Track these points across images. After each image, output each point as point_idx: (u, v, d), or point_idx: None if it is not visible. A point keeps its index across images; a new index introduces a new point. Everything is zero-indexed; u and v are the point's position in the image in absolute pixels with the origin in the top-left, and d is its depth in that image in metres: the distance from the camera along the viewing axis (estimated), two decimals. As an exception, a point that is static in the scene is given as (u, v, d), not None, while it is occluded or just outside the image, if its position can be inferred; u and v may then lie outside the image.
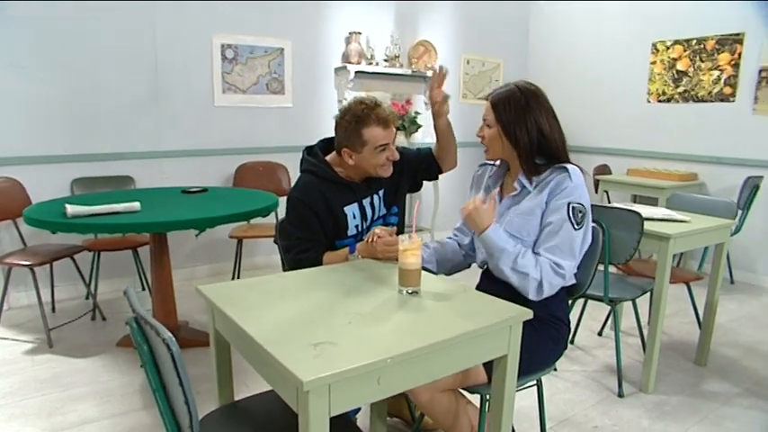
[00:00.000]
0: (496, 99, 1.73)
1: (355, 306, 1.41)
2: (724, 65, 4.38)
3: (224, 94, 4.12)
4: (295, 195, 1.94)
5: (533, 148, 1.70)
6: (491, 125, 1.75)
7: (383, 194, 2.08)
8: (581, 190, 1.66)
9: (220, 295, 1.49)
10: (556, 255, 1.64)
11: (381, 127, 1.87)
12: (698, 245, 2.77)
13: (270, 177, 4.25)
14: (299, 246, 1.92)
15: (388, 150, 1.92)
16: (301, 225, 1.92)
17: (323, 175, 1.96)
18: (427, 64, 5.12)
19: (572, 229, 1.63)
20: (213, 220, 2.47)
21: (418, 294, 1.51)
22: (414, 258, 1.50)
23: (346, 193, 1.98)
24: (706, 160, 4.56)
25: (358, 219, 2.00)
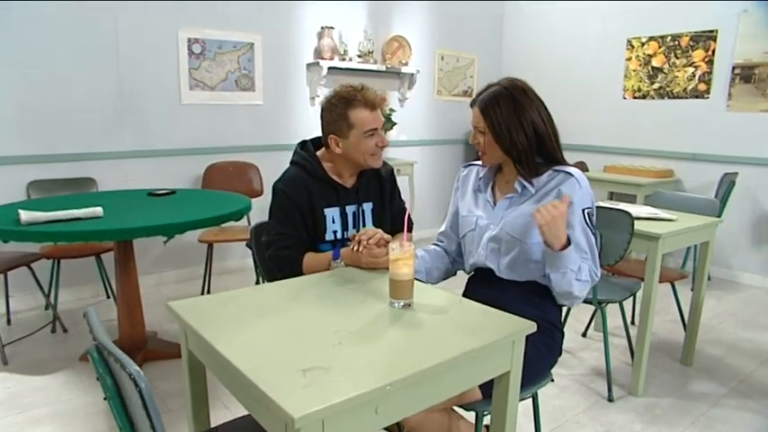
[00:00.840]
0: (484, 104, 1.62)
1: (344, 322, 1.29)
2: (698, 61, 4.39)
3: (191, 91, 3.94)
4: (280, 187, 1.83)
5: (532, 148, 1.61)
6: (483, 132, 1.64)
7: (372, 210, 1.96)
8: (589, 193, 1.60)
9: (193, 312, 1.34)
10: (591, 263, 1.60)
11: (369, 109, 1.78)
12: (686, 244, 2.73)
13: (241, 178, 4.08)
14: (280, 241, 1.81)
15: (377, 136, 1.82)
16: (284, 219, 1.82)
17: (311, 170, 1.85)
18: (401, 60, 5.02)
19: (591, 234, 1.60)
20: (183, 225, 2.31)
21: (411, 307, 1.40)
22: (406, 269, 1.38)
23: (330, 194, 1.87)
24: (682, 157, 4.57)
25: (338, 224, 1.88)
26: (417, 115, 5.37)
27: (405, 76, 5.09)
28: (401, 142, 5.24)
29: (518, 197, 1.66)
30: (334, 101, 1.80)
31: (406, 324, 1.30)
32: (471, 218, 1.76)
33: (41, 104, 3.42)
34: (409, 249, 1.39)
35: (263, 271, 2.10)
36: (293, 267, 1.80)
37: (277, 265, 1.84)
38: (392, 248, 1.40)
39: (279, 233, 1.83)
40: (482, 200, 1.76)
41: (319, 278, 1.65)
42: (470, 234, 1.76)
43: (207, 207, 2.73)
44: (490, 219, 1.70)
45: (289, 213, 1.82)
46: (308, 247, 1.86)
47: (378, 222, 1.97)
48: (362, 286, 1.56)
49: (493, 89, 1.63)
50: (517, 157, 1.62)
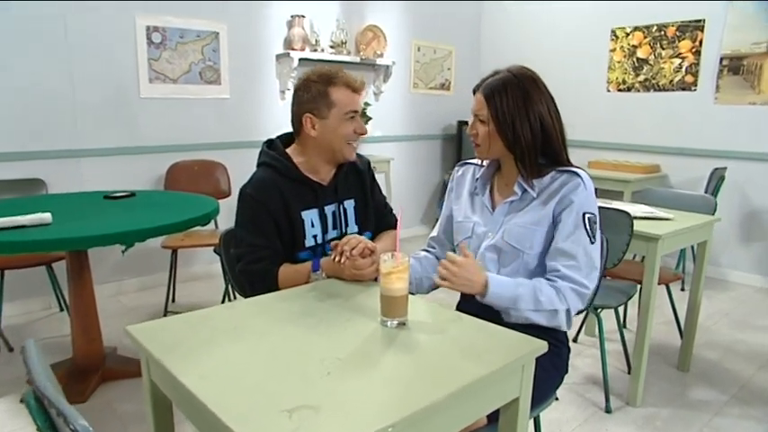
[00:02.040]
0: (490, 89, 1.50)
1: (332, 347, 1.16)
2: (685, 52, 4.37)
3: (151, 84, 3.74)
4: (248, 192, 1.69)
5: (537, 145, 1.50)
6: (485, 121, 1.52)
7: (354, 207, 1.84)
8: (593, 197, 1.50)
9: (156, 338, 1.19)
10: (576, 273, 1.45)
11: (350, 90, 1.70)
12: (685, 244, 2.68)
13: (207, 178, 3.91)
14: (251, 254, 1.67)
15: (356, 121, 1.72)
16: (255, 228, 1.68)
17: (282, 169, 1.72)
18: (376, 51, 4.91)
19: (588, 242, 1.46)
20: (143, 232, 2.15)
21: (405, 326, 1.27)
22: (400, 283, 1.26)
23: (306, 195, 1.74)
24: (668, 151, 4.56)
25: (317, 228, 1.76)
26: (393, 109, 5.27)
27: (380, 68, 4.99)
28: (377, 138, 5.12)
29: (518, 201, 1.55)
30: (313, 77, 1.70)
31: (401, 347, 1.17)
32: (467, 224, 1.64)
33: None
34: (403, 261, 1.26)
35: (234, 286, 1.97)
36: (267, 282, 1.66)
37: (248, 280, 1.70)
38: (383, 260, 1.27)
39: (250, 245, 1.68)
40: (479, 204, 1.65)
41: (299, 293, 1.51)
42: (465, 242, 1.64)
43: (170, 211, 2.57)
44: (488, 226, 1.59)
45: (260, 222, 1.68)
46: (285, 258, 1.72)
47: (362, 220, 1.85)
48: (348, 302, 1.44)
49: (501, 75, 1.52)
50: (519, 153, 1.50)
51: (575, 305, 1.46)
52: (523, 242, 1.51)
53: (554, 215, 1.49)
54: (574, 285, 1.45)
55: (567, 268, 1.45)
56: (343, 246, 1.54)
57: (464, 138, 5.48)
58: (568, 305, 1.44)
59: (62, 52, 3.39)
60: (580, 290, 1.45)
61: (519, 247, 1.51)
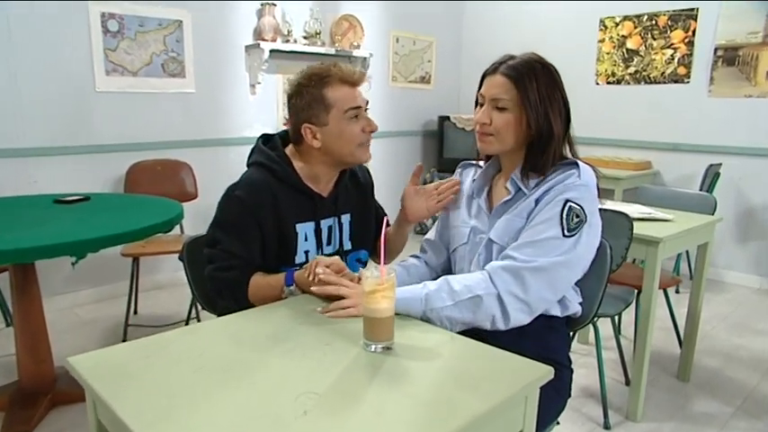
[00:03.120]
0: (516, 71, 1.37)
1: (308, 378, 1.04)
2: (677, 43, 4.35)
3: (108, 77, 3.58)
4: (237, 194, 1.55)
5: (564, 138, 1.41)
6: (507, 108, 1.39)
7: (350, 221, 1.73)
8: (586, 191, 1.36)
9: (103, 371, 1.07)
10: (520, 253, 1.32)
11: (348, 85, 1.57)
12: (686, 247, 2.62)
13: (171, 179, 3.77)
14: (224, 260, 1.55)
15: (362, 118, 1.59)
16: (235, 233, 1.55)
17: (281, 174, 1.59)
18: (353, 42, 4.82)
19: (560, 232, 1.31)
20: (96, 242, 2.00)
21: (392, 350, 1.16)
22: (386, 303, 1.15)
23: (304, 206, 1.62)
24: (660, 147, 4.54)
25: (311, 243, 1.64)
26: (371, 105, 4.86)
27: (356, 60, 4.89)
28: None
29: (511, 200, 1.45)
30: (304, 81, 1.57)
31: (388, 376, 1.06)
32: (464, 229, 1.54)
33: None
34: (389, 278, 1.15)
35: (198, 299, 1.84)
36: (236, 294, 1.55)
37: (216, 287, 1.59)
38: (366, 276, 1.16)
39: (225, 250, 1.56)
40: (476, 207, 1.54)
41: (272, 311, 1.39)
42: (462, 249, 1.54)
43: (128, 216, 2.44)
44: (485, 230, 1.49)
45: (242, 228, 1.56)
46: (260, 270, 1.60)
47: (356, 237, 1.75)
48: (327, 321, 1.32)
49: (524, 57, 1.41)
50: (545, 145, 1.38)
51: (508, 288, 1.29)
52: (503, 235, 1.42)
53: (536, 201, 1.39)
54: (510, 263, 1.31)
55: (513, 248, 1.33)
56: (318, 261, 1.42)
57: (446, 134, 5.42)
58: (497, 288, 1.29)
59: (2, 42, 3.20)
60: (516, 266, 1.30)
61: (499, 242, 1.42)
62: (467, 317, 1.31)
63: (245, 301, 1.54)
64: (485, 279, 1.31)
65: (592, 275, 1.53)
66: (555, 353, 1.46)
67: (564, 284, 1.38)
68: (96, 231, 2.09)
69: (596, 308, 1.64)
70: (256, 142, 1.69)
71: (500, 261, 1.33)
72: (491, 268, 1.32)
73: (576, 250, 1.33)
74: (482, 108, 1.43)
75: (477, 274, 1.33)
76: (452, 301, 1.30)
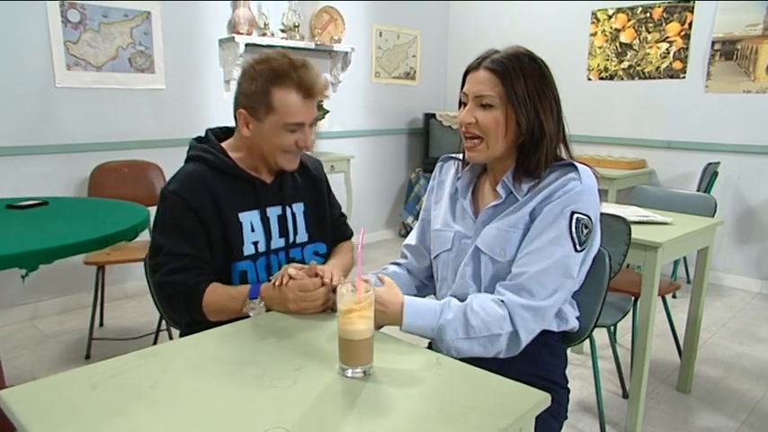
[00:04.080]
0: (503, 66, 1.29)
1: (278, 411, 0.96)
2: (673, 36, 4.32)
3: (70, 72, 3.46)
4: (171, 189, 1.49)
5: (557, 138, 1.33)
6: (494, 105, 1.30)
7: (304, 212, 1.66)
8: (590, 197, 1.28)
9: (41, 409, 0.97)
10: (538, 287, 1.24)
11: (302, 95, 1.48)
12: (686, 252, 2.56)
13: (139, 181, 3.66)
14: (171, 262, 1.47)
15: (300, 133, 1.51)
16: (176, 233, 1.48)
17: (215, 162, 1.53)
18: (333, 36, 4.76)
19: (572, 249, 1.25)
20: (50, 253, 1.88)
21: (370, 376, 1.08)
22: (363, 323, 1.06)
23: (244, 193, 1.56)
24: (655, 145, 4.51)
25: (259, 233, 1.57)
26: (353, 101, 5.13)
27: (337, 55, 4.84)
28: (335, 133, 4.96)
29: (502, 205, 1.36)
30: (259, 68, 1.48)
31: (366, 407, 0.98)
32: (447, 233, 1.45)
33: None
34: (367, 296, 1.06)
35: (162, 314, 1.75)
36: (191, 299, 1.46)
37: (166, 296, 1.50)
38: (341, 294, 1.07)
39: (169, 253, 1.48)
40: (460, 209, 1.46)
41: (238, 332, 1.30)
42: (445, 255, 1.45)
43: (88, 223, 2.32)
44: (471, 236, 1.40)
45: (183, 225, 1.49)
46: (217, 273, 1.53)
47: (313, 228, 1.68)
48: (299, 342, 1.23)
49: (510, 51, 1.32)
50: (536, 146, 1.30)
51: (526, 327, 1.25)
52: (493, 246, 1.33)
53: (532, 212, 1.30)
54: (529, 302, 1.24)
55: (528, 279, 1.25)
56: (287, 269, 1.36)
57: (432, 132, 5.37)
58: (515, 327, 1.24)
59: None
60: (537, 306, 1.25)
61: (489, 253, 1.33)
62: (476, 351, 1.26)
63: (199, 310, 1.45)
64: (504, 317, 1.24)
65: (590, 286, 1.46)
66: (551, 372, 1.39)
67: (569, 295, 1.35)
68: (50, 240, 1.97)
69: (594, 321, 1.57)
70: (190, 143, 1.64)
71: (517, 297, 1.25)
72: (511, 304, 1.25)
73: (587, 261, 1.33)
74: (466, 108, 1.35)
75: (496, 309, 1.25)
76: (466, 335, 1.25)
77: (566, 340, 1.49)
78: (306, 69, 1.48)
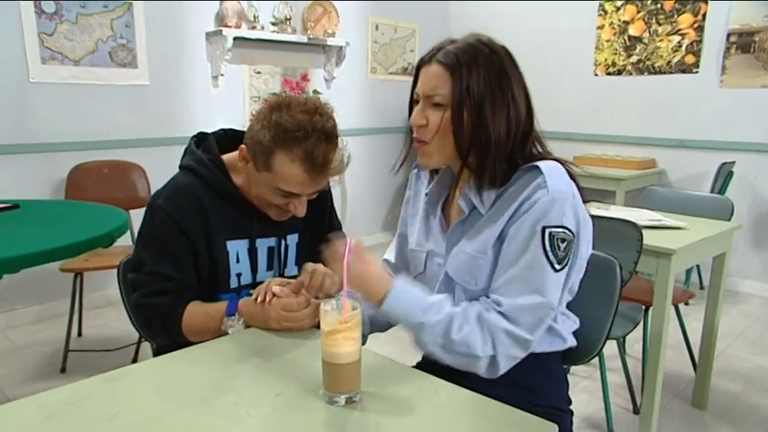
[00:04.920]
0: (455, 59, 1.18)
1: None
2: (685, 28, 4.27)
3: (45, 66, 3.40)
4: (159, 204, 1.42)
5: (509, 142, 1.19)
6: (442, 104, 1.19)
7: (297, 243, 1.59)
8: (562, 204, 1.14)
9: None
10: (520, 314, 1.14)
11: (305, 170, 1.33)
12: (702, 258, 2.50)
13: (120, 183, 3.61)
14: (152, 283, 1.42)
15: (294, 199, 1.41)
16: (161, 252, 1.43)
17: (212, 180, 1.45)
18: (327, 29, 4.74)
19: (549, 269, 1.13)
20: (15, 261, 1.81)
21: (357, 403, 1.01)
22: (349, 345, 0.99)
23: (237, 220, 1.48)
24: (666, 143, 4.47)
25: (244, 265, 1.51)
26: (348, 98, 5.10)
27: (331, 49, 4.81)
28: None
29: (467, 221, 1.27)
30: (274, 118, 1.33)
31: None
32: (420, 255, 1.37)
33: None
34: (353, 314, 0.99)
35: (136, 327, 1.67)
36: (168, 325, 1.41)
37: (144, 317, 1.45)
38: (325, 311, 1.00)
39: (151, 272, 1.42)
40: (431, 225, 1.37)
41: (211, 352, 1.23)
42: (421, 278, 1.37)
43: (61, 228, 2.25)
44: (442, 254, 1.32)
45: (170, 244, 1.42)
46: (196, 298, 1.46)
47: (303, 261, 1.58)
48: (280, 364, 1.17)
49: (466, 42, 1.21)
50: (482, 153, 1.19)
51: (507, 352, 1.14)
52: (463, 274, 1.23)
53: (501, 234, 1.19)
54: (512, 329, 1.13)
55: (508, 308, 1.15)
56: (270, 284, 1.30)
57: None
58: (495, 351, 1.14)
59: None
60: (520, 336, 1.13)
61: (462, 283, 1.24)
62: (448, 362, 1.17)
63: (178, 333, 1.40)
64: (486, 340, 1.14)
65: (599, 299, 1.40)
66: (549, 398, 1.31)
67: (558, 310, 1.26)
68: (16, 248, 1.90)
69: (605, 337, 1.49)
70: (189, 142, 1.55)
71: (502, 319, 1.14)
72: (493, 328, 1.14)
73: (573, 273, 1.22)
74: (417, 107, 1.24)
75: (478, 329, 1.14)
76: (444, 343, 1.15)
77: (570, 359, 1.41)
78: (325, 142, 1.34)
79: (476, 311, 1.16)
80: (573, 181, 1.20)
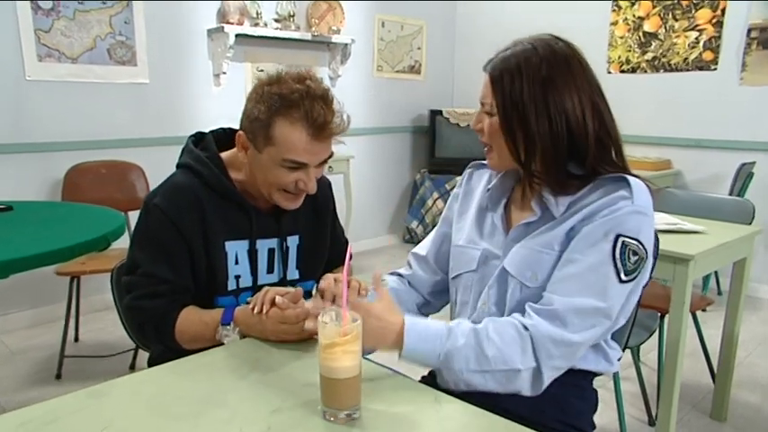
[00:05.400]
0: (499, 68, 1.21)
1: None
2: (703, 24, 4.23)
3: (41, 63, 3.40)
4: (156, 202, 1.40)
5: (560, 148, 1.18)
6: (493, 113, 1.22)
7: (298, 245, 1.56)
8: (643, 219, 1.14)
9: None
10: (574, 317, 1.11)
11: (307, 134, 1.33)
12: (721, 264, 2.45)
13: (119, 184, 3.62)
14: (147, 285, 1.40)
15: (302, 173, 1.38)
16: (157, 252, 1.41)
17: (210, 179, 1.44)
18: (332, 26, 4.74)
19: (615, 278, 1.11)
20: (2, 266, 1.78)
21: (357, 420, 0.97)
22: (348, 360, 0.95)
23: (236, 220, 1.47)
24: (682, 143, 4.43)
25: (243, 267, 1.48)
26: (353, 97, 5.06)
27: (336, 47, 4.80)
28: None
29: (537, 223, 1.24)
30: (268, 90, 1.35)
31: (351, 464, 0.86)
32: (473, 251, 1.33)
33: None
34: (353, 326, 0.95)
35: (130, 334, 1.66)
36: (161, 330, 1.39)
37: (137, 321, 1.44)
38: (323, 323, 0.96)
39: (146, 274, 1.40)
40: (490, 224, 1.34)
41: (204, 363, 1.19)
42: (469, 277, 1.33)
43: (55, 230, 2.22)
44: (501, 255, 1.29)
45: (166, 245, 1.41)
46: (193, 302, 1.44)
47: (305, 264, 1.58)
48: (276, 377, 1.13)
49: (520, 47, 1.22)
50: (542, 161, 1.19)
51: (552, 363, 1.11)
52: (523, 269, 1.21)
53: (570, 230, 1.18)
54: (561, 333, 1.10)
55: (562, 307, 1.11)
56: (266, 294, 1.26)
57: (438, 130, 5.34)
58: (538, 362, 1.10)
59: None
60: (568, 340, 1.10)
61: (517, 277, 1.21)
62: (491, 387, 1.13)
63: (172, 339, 1.37)
64: (525, 348, 1.10)
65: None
66: (579, 418, 1.27)
67: (606, 332, 1.23)
68: (6, 251, 1.86)
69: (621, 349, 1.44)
70: (187, 141, 1.54)
71: (547, 323, 1.11)
72: (538, 334, 1.10)
73: (634, 293, 1.19)
74: (478, 112, 1.29)
75: (515, 336, 1.11)
76: (479, 367, 1.11)
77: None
78: (322, 102, 1.35)
79: (509, 319, 1.14)
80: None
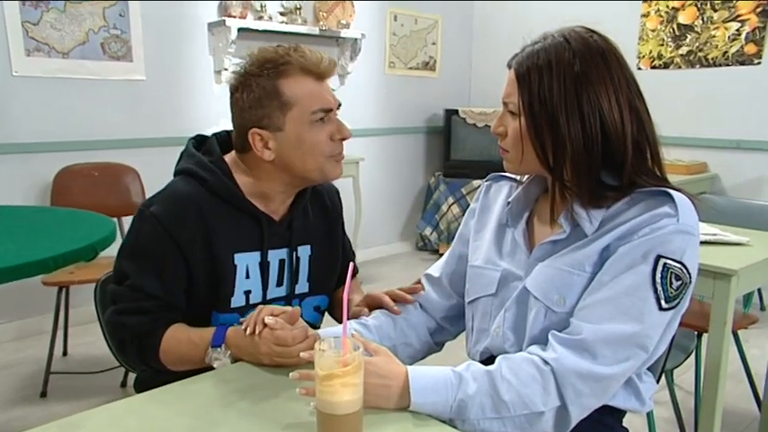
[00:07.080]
0: (526, 64, 1.16)
1: None
2: (746, 14, 4.17)
3: (29, 58, 3.42)
4: (152, 211, 1.37)
5: (593, 154, 1.12)
6: (515, 112, 1.17)
7: (310, 256, 1.53)
8: (688, 240, 1.07)
9: None
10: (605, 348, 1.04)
11: (313, 79, 1.38)
12: (766, 280, 2.36)
13: (112, 187, 3.63)
14: (132, 300, 1.36)
15: (332, 122, 1.41)
16: (147, 266, 1.38)
17: (216, 187, 1.40)
18: (341, 20, 4.76)
19: (654, 305, 1.05)
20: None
21: (360, 463, 0.91)
22: (348, 394, 0.90)
23: (246, 230, 1.44)
24: (719, 145, 4.39)
25: (255, 280, 1.45)
26: (364, 96, 5.13)
27: (346, 42, 4.83)
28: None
29: (566, 241, 1.18)
30: (252, 70, 1.37)
31: None
32: (491, 273, 1.27)
33: None
34: (354, 356, 0.89)
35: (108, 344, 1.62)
36: (144, 349, 1.36)
37: (118, 337, 1.40)
38: (320, 351, 0.90)
39: (134, 287, 1.36)
40: (510, 242, 1.29)
41: (192, 392, 1.14)
42: (488, 302, 1.27)
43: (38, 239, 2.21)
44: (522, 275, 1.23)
45: (159, 259, 1.38)
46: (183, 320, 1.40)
47: (320, 280, 1.56)
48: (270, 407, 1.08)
49: (551, 41, 1.16)
50: (558, 167, 1.13)
51: (580, 402, 1.05)
52: (549, 292, 1.14)
53: (605, 249, 1.11)
54: (590, 366, 1.04)
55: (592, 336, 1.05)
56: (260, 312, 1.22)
57: (454, 131, 5.36)
58: (563, 400, 1.05)
59: None
60: (598, 374, 1.04)
61: (542, 300, 1.14)
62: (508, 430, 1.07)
63: (155, 359, 1.33)
64: (547, 387, 1.04)
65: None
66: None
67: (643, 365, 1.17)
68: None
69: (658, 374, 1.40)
70: (187, 145, 1.51)
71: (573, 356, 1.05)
72: (561, 369, 1.04)
73: (673, 323, 1.12)
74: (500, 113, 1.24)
75: (534, 375, 1.05)
76: (497, 414, 1.04)
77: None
78: (303, 49, 1.40)
79: (524, 355, 1.08)
80: None
